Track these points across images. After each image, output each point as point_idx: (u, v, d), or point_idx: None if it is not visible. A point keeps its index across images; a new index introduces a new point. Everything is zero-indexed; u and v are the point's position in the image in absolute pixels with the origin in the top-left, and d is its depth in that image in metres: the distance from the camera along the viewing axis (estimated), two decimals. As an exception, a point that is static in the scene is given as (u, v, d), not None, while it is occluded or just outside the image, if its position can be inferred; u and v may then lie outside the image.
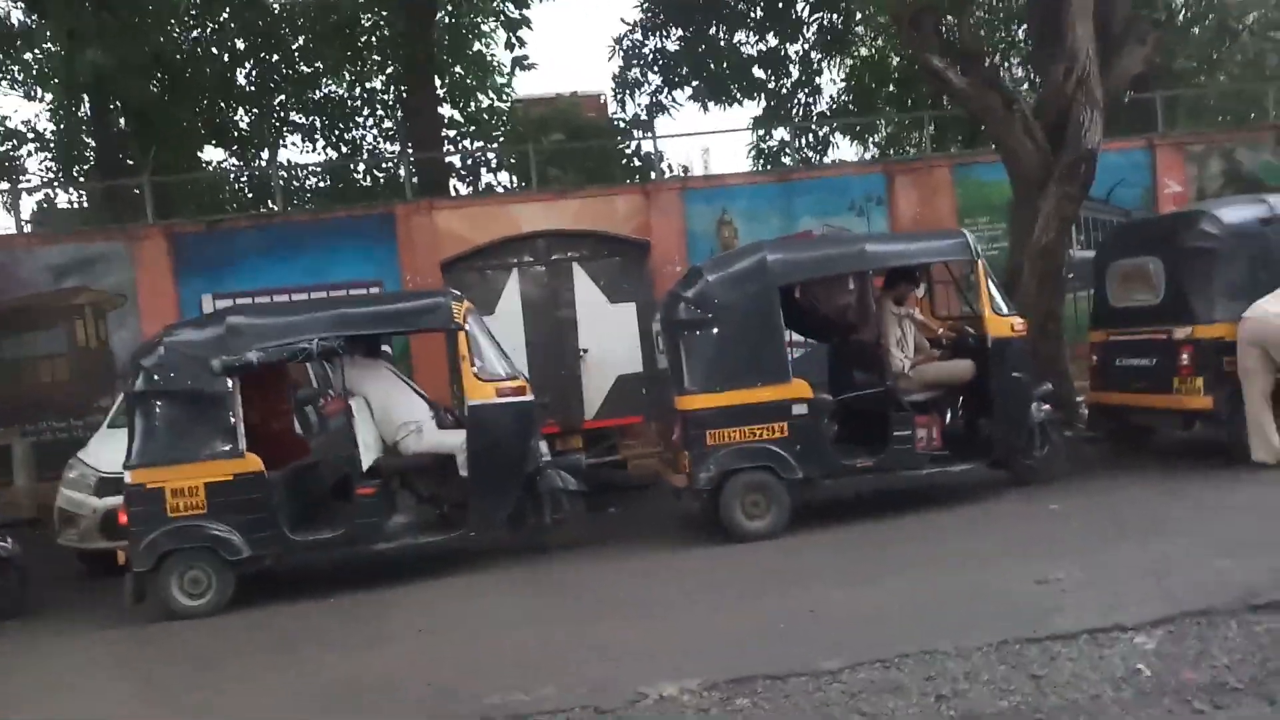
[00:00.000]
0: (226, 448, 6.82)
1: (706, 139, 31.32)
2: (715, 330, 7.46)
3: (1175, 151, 13.12)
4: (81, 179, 16.66)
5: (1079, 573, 5.65)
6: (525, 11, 15.03)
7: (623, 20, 15.41)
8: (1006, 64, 15.49)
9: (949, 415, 8.13)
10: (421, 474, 7.61)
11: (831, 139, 15.59)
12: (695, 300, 7.51)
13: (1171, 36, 15.92)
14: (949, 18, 10.83)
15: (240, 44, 15.57)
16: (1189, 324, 7.98)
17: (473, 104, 16.96)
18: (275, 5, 15.65)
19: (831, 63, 15.88)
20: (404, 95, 16.08)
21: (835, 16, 14.72)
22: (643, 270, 9.42)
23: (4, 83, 16.01)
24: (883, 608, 5.48)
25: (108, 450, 7.99)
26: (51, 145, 16.75)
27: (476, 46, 16.62)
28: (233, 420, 6.86)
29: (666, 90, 15.25)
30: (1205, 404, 7.90)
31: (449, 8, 15.65)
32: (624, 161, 15.27)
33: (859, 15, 14.18)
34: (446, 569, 7.34)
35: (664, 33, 15.26)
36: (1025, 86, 14.22)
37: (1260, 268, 7.97)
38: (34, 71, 15.68)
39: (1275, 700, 3.84)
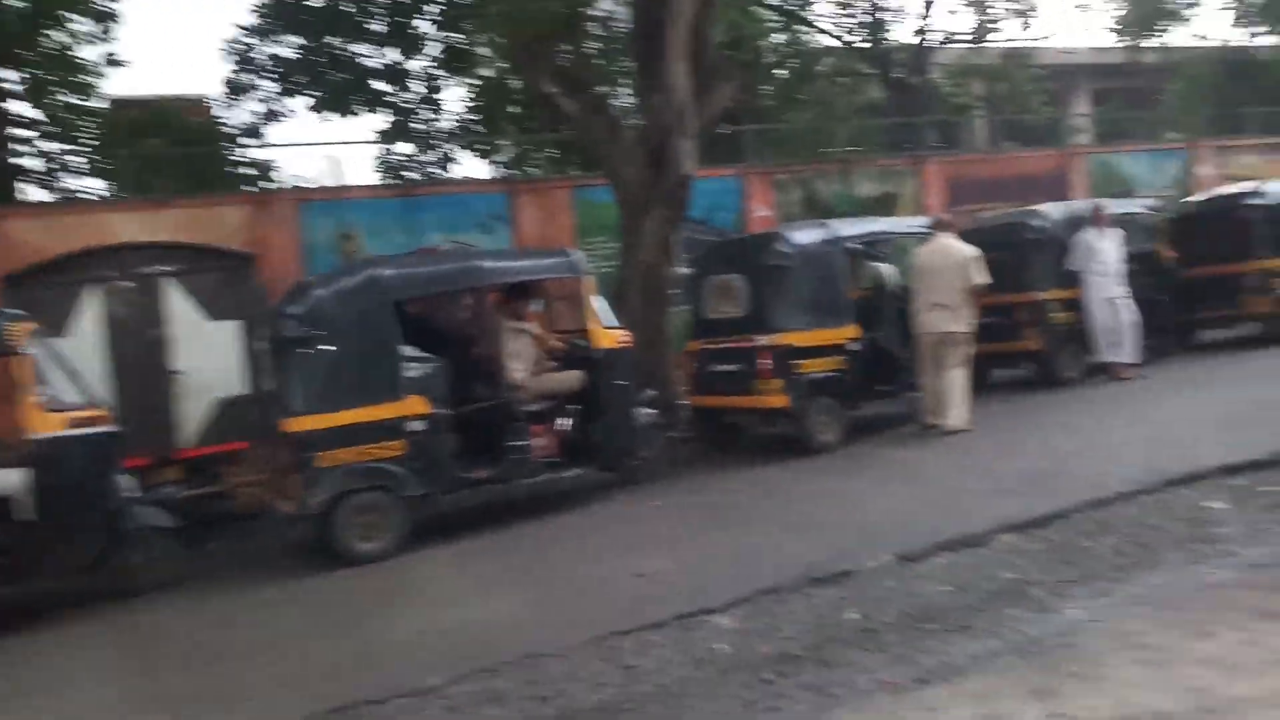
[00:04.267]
0: None
1: (336, 151, 30.30)
2: (325, 348, 7.20)
3: (763, 180, 14.57)
4: None
5: (673, 563, 6.10)
6: (116, 6, 13.62)
7: (235, 24, 14.46)
8: (618, 92, 16.41)
9: (564, 423, 8.43)
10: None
11: (456, 156, 15.68)
12: (303, 317, 7.22)
13: (758, 76, 17.74)
14: (563, 46, 11.27)
15: None
16: (767, 333, 8.93)
17: (53, 102, 15.04)
18: None
19: (456, 81, 15.96)
20: (-37, 88, 13.92)
21: (459, 36, 14.81)
22: (247, 285, 8.86)
23: None
24: (492, 618, 5.56)
25: None
26: None
27: (56, 39, 14.77)
28: None
29: (281, 98, 14.52)
30: (782, 403, 8.90)
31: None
32: (235, 170, 14.31)
33: (481, 38, 14.37)
34: (28, 625, 6.44)
35: (279, 39, 14.52)
36: (636, 114, 15.15)
37: (824, 283, 9.19)
38: None
39: (829, 663, 4.30)
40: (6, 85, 13.57)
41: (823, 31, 19.91)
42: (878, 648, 4.41)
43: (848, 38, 19.90)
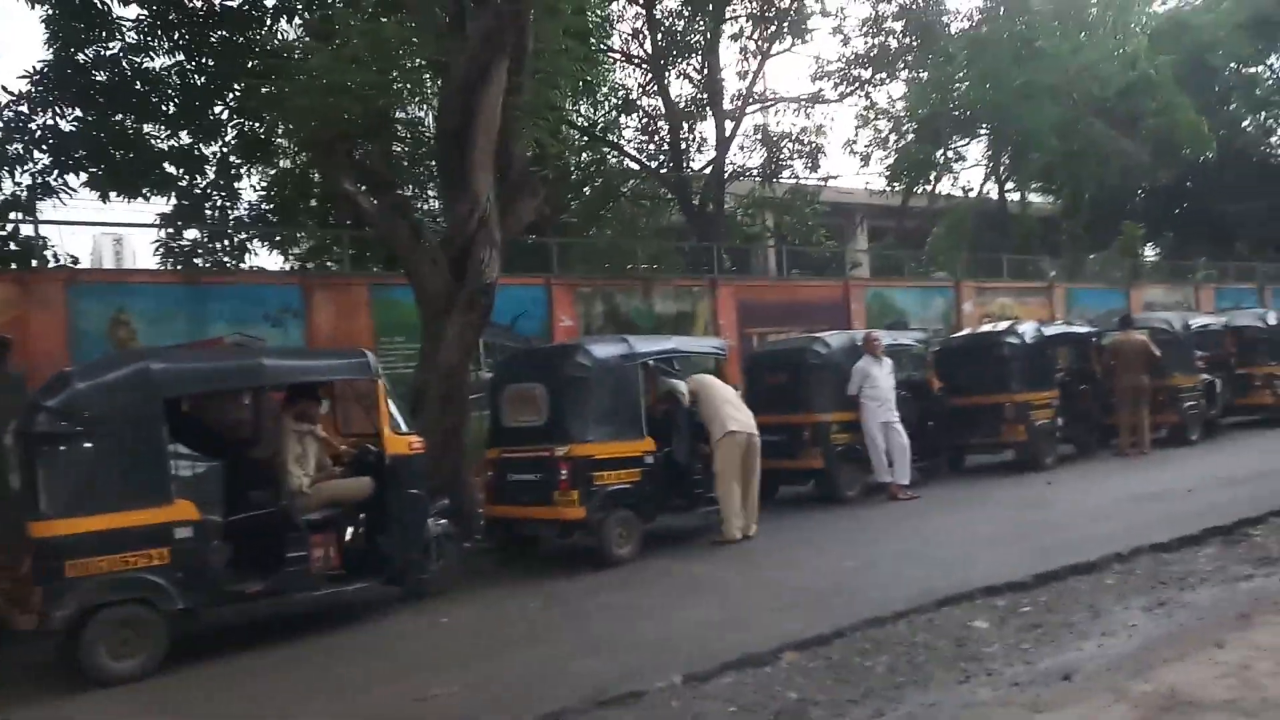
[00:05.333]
0: None
1: (116, 232, 28.60)
2: (84, 445, 6.59)
3: (567, 291, 14.82)
4: None
5: (458, 685, 5.84)
6: None
7: (4, 89, 13.42)
8: (424, 195, 16.40)
9: (349, 533, 8.03)
10: None
11: (249, 246, 15.03)
12: (60, 410, 6.58)
13: (565, 192, 18.24)
14: (365, 145, 11.18)
15: None
16: (566, 443, 8.93)
17: None
18: None
19: (252, 169, 15.47)
20: None
21: (256, 125, 14.42)
22: (2, 371, 8.05)
23: None
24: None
25: None
26: None
27: None
28: None
29: (57, 172, 13.52)
30: (579, 514, 8.87)
31: None
32: (-3, 245, 13.12)
33: (280, 129, 14.05)
34: None
35: (57, 110, 13.61)
36: (441, 218, 15.13)
37: (621, 396, 9.37)
38: None
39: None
40: None
41: (627, 155, 20.85)
42: (664, 773, 4.35)
43: (650, 163, 20.90)
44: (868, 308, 17.93)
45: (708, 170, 20.69)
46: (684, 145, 20.74)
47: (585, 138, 19.73)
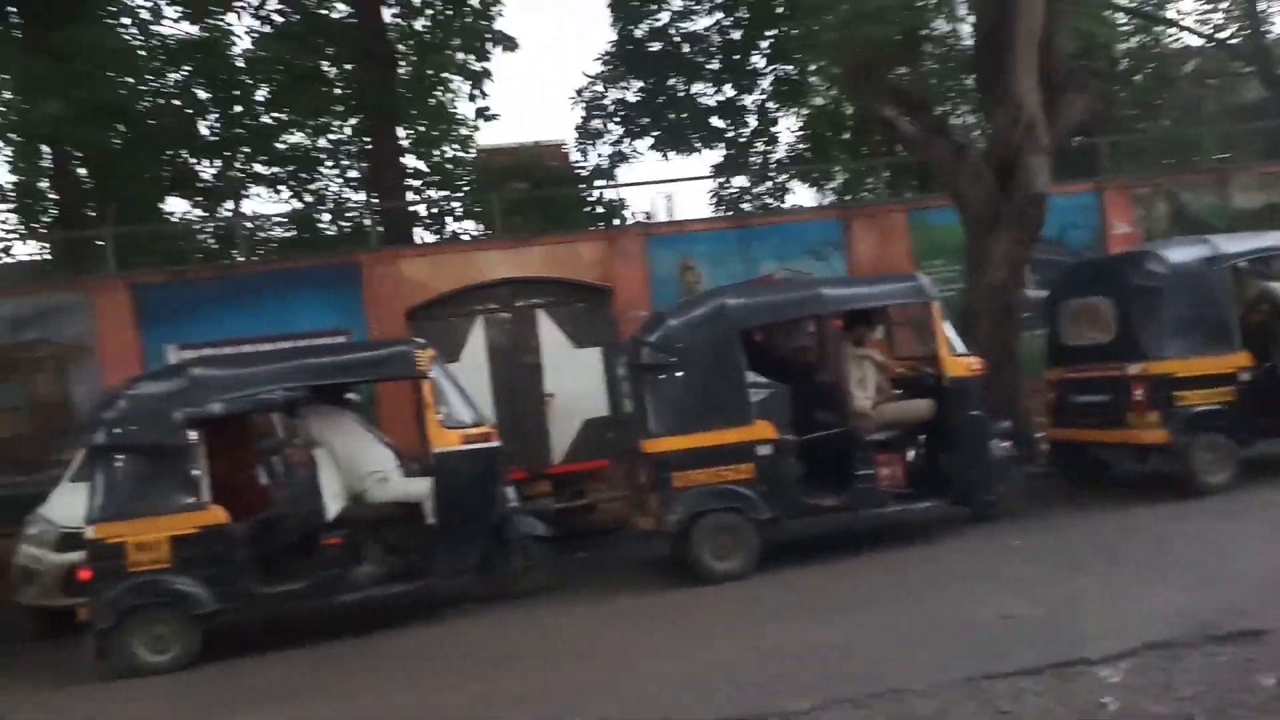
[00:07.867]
0: (190, 500, 6.77)
1: (670, 186, 32.11)
2: (679, 374, 7.57)
3: (1122, 194, 13.47)
4: (43, 231, 16.47)
5: (1042, 607, 5.76)
6: (486, 65, 15.25)
7: (584, 73, 15.73)
8: (957, 111, 15.90)
9: (911, 453, 8.24)
10: (388, 523, 7.56)
11: (789, 185, 15.92)
12: (658, 344, 7.63)
13: (1113, 84, 16.47)
14: (900, 69, 11.13)
15: (202, 95, 15.57)
16: (1140, 360, 8.22)
17: (436, 154, 17.12)
18: (238, 59, 15.72)
19: (788, 112, 16.28)
20: (367, 146, 16.19)
21: (790, 68, 15.11)
22: (606, 315, 9.51)
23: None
24: (851, 646, 5.52)
25: (69, 505, 7.86)
26: (11, 197, 16.54)
27: (439, 98, 16.81)
28: (196, 472, 6.81)
29: (628, 140, 15.52)
30: (1160, 437, 8.15)
31: (412, 60, 15.84)
32: (587, 209, 15.44)
33: (813, 67, 14.53)
34: (414, 618, 7.30)
35: (624, 85, 15.57)
36: (976, 132, 14.60)
37: (1205, 305, 8.32)
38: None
39: (1237, 729, 3.92)
40: (401, 142, 15.62)
41: (1187, 30, 18.20)
42: (1297, 718, 3.91)
43: (1217, 35, 18.02)
44: None
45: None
46: (1262, 6, 17.53)
47: (1135, 19, 17.58)
